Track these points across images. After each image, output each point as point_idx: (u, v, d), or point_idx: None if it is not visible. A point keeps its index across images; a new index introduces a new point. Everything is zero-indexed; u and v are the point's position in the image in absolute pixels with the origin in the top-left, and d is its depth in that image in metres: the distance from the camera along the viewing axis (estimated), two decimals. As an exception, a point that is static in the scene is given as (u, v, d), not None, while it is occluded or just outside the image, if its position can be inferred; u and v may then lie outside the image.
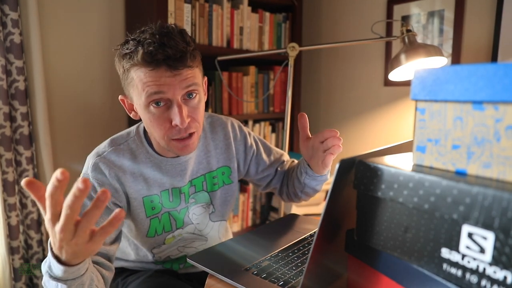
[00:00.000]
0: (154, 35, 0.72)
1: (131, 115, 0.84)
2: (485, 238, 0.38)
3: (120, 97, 0.84)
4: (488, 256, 0.38)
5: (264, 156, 1.04)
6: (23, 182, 0.48)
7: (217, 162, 0.96)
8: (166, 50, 0.71)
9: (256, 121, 1.98)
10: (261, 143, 1.06)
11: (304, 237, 0.89)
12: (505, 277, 0.37)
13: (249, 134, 1.03)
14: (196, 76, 0.77)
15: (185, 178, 0.90)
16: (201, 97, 0.80)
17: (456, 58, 1.57)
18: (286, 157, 1.09)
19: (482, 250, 0.38)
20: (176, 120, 0.75)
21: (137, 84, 0.75)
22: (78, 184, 0.46)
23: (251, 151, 1.02)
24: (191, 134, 0.79)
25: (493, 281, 0.38)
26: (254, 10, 1.87)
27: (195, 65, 0.77)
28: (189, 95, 0.77)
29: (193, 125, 0.79)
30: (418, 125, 0.48)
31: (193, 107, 0.78)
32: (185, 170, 0.90)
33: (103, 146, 0.86)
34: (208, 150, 0.95)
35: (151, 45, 0.71)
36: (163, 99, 0.75)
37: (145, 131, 0.89)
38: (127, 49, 0.74)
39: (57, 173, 0.46)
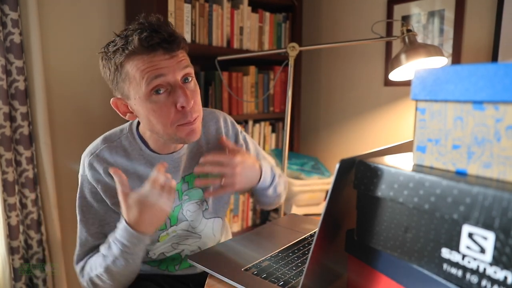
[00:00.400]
0: (143, 24, 0.74)
1: (126, 117, 0.83)
2: (485, 238, 0.38)
3: (112, 100, 0.81)
4: (488, 256, 0.38)
5: None
6: (112, 170, 0.73)
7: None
8: (160, 33, 0.72)
9: (256, 121, 1.98)
10: (252, 145, 1.05)
11: (304, 237, 0.89)
12: (505, 277, 0.37)
13: (241, 132, 1.03)
14: (188, 58, 0.79)
15: (178, 175, 0.89)
16: (195, 81, 0.81)
17: (456, 58, 1.57)
18: (270, 161, 1.08)
19: (482, 250, 0.38)
20: (182, 101, 0.74)
21: (134, 75, 0.74)
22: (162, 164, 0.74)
23: None
24: (195, 119, 0.79)
25: (493, 281, 0.38)
26: (254, 10, 1.86)
27: (185, 49, 0.79)
28: (185, 79, 0.78)
29: (196, 108, 0.79)
30: (418, 125, 0.48)
31: (191, 90, 0.78)
32: (178, 166, 0.89)
33: (96, 143, 0.86)
34: (200, 145, 0.94)
35: (144, 31, 0.72)
36: (163, 85, 0.74)
37: (137, 128, 0.88)
38: (115, 45, 0.74)
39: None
